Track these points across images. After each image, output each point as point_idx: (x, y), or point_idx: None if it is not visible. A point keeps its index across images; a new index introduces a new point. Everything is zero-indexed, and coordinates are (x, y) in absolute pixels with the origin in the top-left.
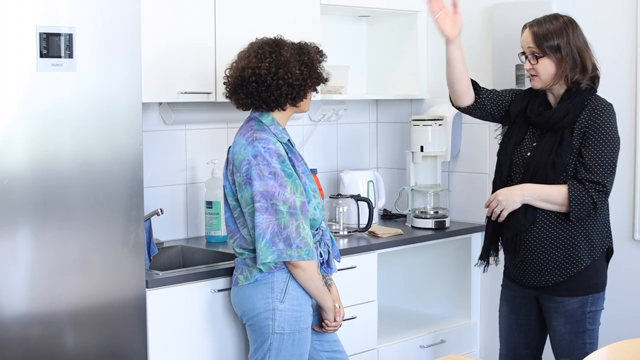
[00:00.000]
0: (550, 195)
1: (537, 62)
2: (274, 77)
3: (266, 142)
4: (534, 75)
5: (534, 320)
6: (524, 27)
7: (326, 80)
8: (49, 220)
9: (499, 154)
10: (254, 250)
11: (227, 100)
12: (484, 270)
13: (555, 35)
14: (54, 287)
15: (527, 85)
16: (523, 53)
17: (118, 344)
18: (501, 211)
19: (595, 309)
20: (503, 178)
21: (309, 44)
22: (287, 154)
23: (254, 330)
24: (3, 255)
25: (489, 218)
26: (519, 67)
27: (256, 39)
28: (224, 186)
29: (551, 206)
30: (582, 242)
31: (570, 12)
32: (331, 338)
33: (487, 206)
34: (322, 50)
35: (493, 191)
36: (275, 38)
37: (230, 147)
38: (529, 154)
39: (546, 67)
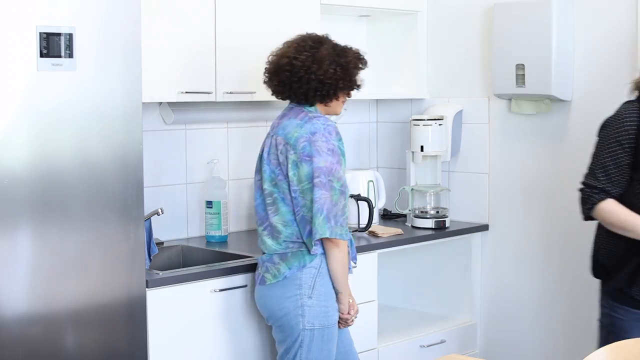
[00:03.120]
0: None
1: None
2: (307, 70)
3: (325, 120)
4: None
5: None
6: None
7: (358, 86)
8: (49, 220)
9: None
10: (284, 242)
11: (228, 100)
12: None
13: None
14: (54, 287)
15: (527, 84)
16: None
17: (118, 344)
18: None
19: None
20: None
21: (351, 48)
22: None
23: (284, 329)
24: (3, 255)
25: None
26: (518, 67)
27: (306, 33)
28: (262, 171)
29: None
30: None
31: (570, 12)
32: (345, 337)
33: None
34: (363, 58)
35: None
36: (321, 35)
37: (272, 132)
38: None
39: None
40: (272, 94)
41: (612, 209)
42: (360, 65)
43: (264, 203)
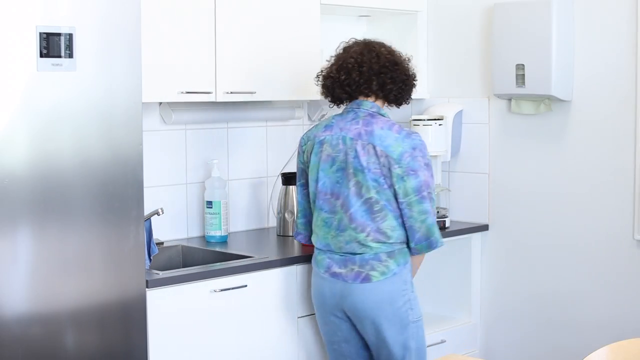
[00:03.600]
0: None
1: None
2: (406, 73)
3: (419, 135)
4: None
5: None
6: None
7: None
8: (49, 220)
9: None
10: (391, 244)
11: (228, 100)
12: None
13: None
14: (54, 287)
15: (527, 84)
16: None
17: (118, 344)
18: None
19: None
20: None
21: None
22: None
23: (394, 324)
24: (3, 255)
25: None
26: (518, 67)
27: (352, 39)
28: (362, 179)
29: None
30: None
31: (570, 12)
32: None
33: None
34: None
35: None
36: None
37: (358, 139)
38: None
39: None
40: (334, 97)
41: None
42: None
43: (364, 209)
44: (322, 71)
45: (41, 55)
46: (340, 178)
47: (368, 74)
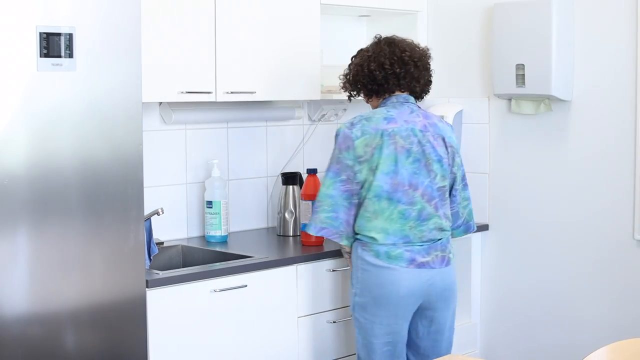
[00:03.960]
0: None
1: None
2: (429, 72)
3: None
4: None
5: None
6: None
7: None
8: (49, 220)
9: None
10: (451, 227)
11: (228, 100)
12: None
13: None
14: (54, 287)
15: (527, 84)
16: None
17: (118, 344)
18: None
19: None
20: None
21: None
22: None
23: (454, 299)
24: (3, 255)
25: None
26: (518, 67)
27: (380, 37)
28: (439, 169)
29: None
30: None
31: (570, 12)
32: None
33: None
34: None
35: None
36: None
37: (424, 131)
38: None
39: None
40: (382, 89)
41: None
42: None
43: (438, 196)
44: (353, 66)
45: (41, 55)
46: (417, 169)
47: (421, 69)
